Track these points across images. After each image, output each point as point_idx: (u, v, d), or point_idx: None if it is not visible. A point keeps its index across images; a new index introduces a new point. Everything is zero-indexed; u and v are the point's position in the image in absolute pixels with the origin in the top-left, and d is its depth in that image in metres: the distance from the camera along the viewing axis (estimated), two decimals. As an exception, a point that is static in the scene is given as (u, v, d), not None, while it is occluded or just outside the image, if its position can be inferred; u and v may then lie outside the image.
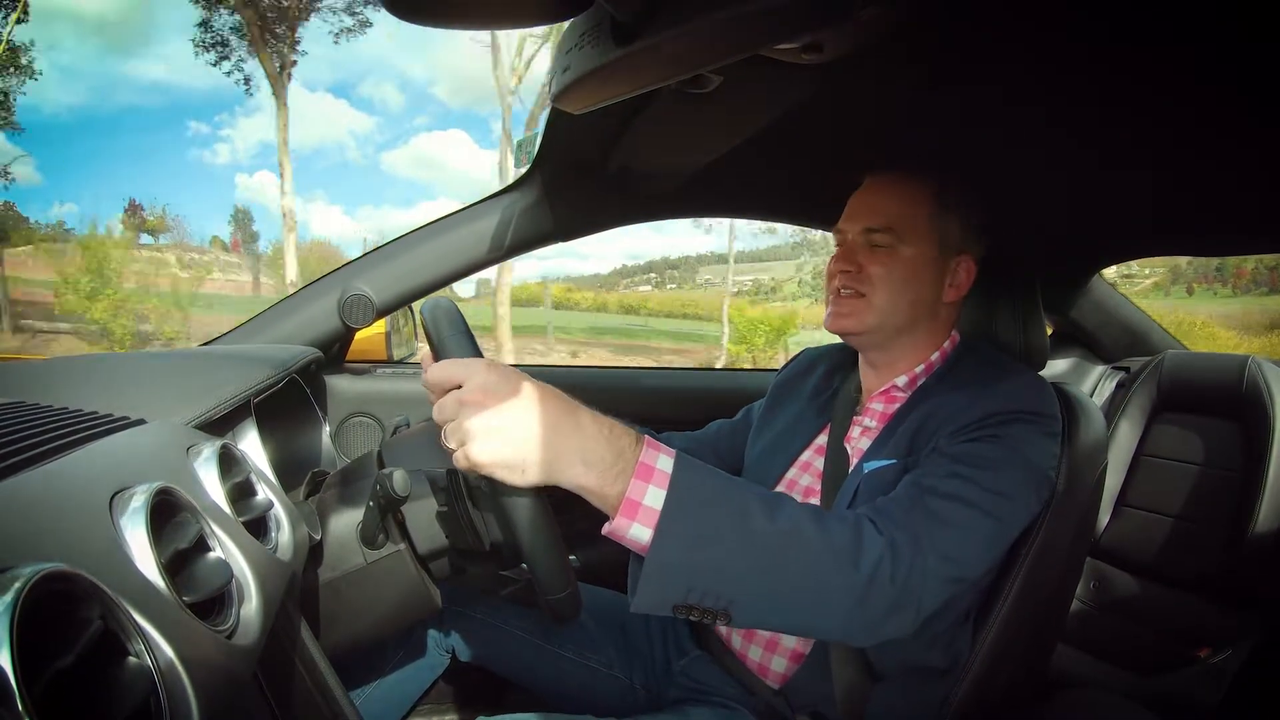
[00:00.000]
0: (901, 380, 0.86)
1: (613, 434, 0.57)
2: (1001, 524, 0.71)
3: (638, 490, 0.56)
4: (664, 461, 0.57)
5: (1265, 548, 1.21)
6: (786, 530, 0.59)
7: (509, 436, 0.54)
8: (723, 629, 0.89)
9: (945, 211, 0.83)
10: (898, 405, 0.84)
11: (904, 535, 0.64)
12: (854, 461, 0.83)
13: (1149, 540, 1.38)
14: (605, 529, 0.57)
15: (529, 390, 0.56)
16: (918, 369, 0.86)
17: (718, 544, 0.57)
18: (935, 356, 0.86)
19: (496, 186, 1.29)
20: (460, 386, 0.56)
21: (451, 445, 0.56)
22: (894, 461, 0.78)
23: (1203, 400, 1.40)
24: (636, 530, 0.56)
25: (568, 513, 0.67)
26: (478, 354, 0.62)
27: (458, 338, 0.61)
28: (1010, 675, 0.80)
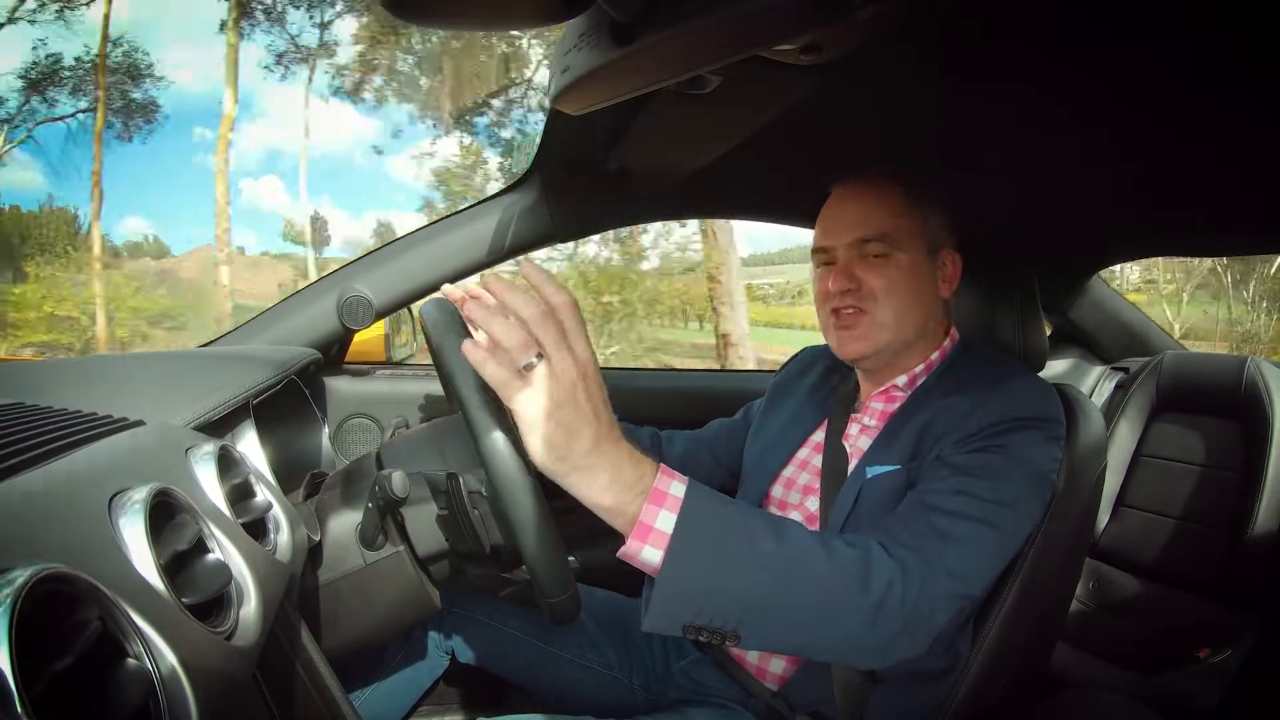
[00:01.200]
0: (901, 380, 0.85)
1: (634, 460, 0.58)
2: (1007, 535, 0.71)
3: (650, 514, 0.57)
4: (676, 487, 0.58)
5: (1264, 547, 1.21)
6: (794, 553, 0.60)
7: (567, 424, 0.53)
8: None
9: (926, 210, 0.83)
10: (898, 404, 0.84)
11: (914, 557, 0.64)
12: (853, 461, 0.83)
13: (1148, 540, 1.38)
14: (620, 552, 0.59)
15: (600, 396, 0.55)
16: (917, 368, 0.85)
17: (726, 566, 0.58)
18: (935, 355, 0.86)
19: (493, 191, 1.29)
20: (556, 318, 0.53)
21: (516, 358, 0.53)
22: (897, 468, 0.78)
23: (1202, 400, 1.40)
24: (648, 552, 0.57)
25: (568, 513, 0.68)
26: None
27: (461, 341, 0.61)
28: (1010, 675, 0.80)
